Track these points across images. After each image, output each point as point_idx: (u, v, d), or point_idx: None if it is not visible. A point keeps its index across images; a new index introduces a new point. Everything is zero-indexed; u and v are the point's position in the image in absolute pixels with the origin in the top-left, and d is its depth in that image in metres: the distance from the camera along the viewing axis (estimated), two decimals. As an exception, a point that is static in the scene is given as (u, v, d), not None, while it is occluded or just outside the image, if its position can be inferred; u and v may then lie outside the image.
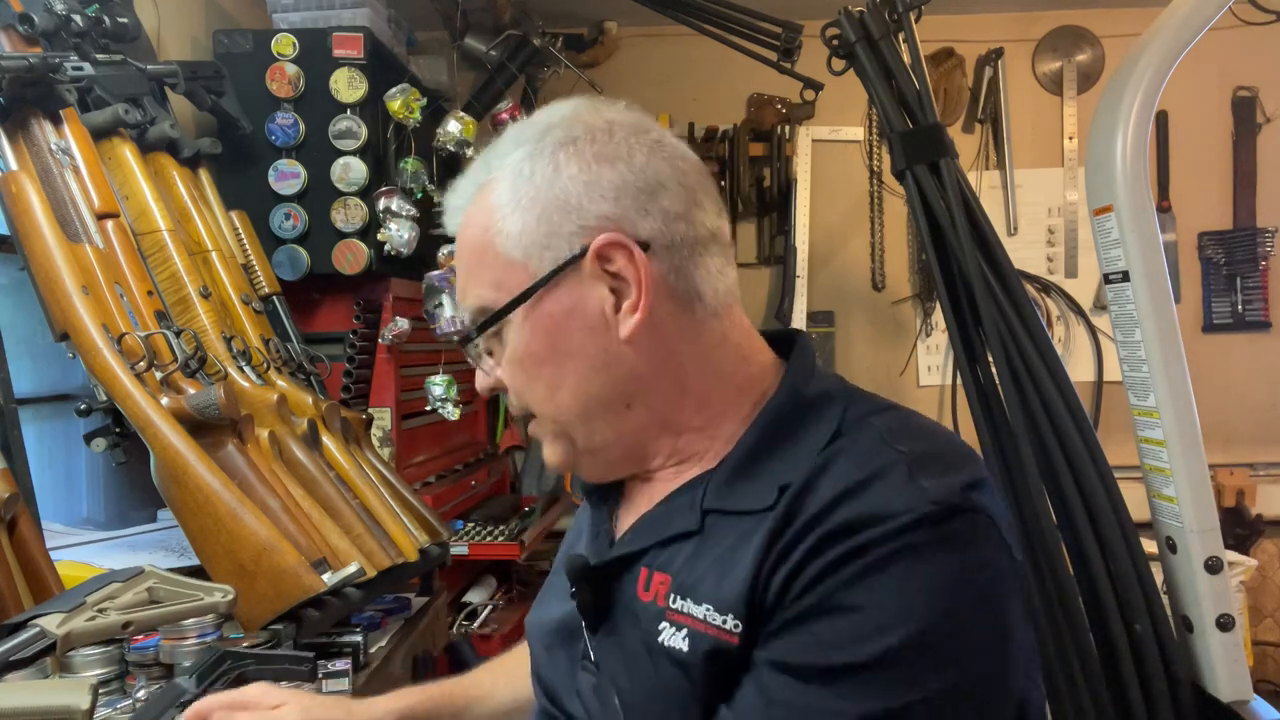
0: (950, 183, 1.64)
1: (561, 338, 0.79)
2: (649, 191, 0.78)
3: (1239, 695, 1.50)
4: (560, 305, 0.78)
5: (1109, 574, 1.53)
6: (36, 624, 1.06)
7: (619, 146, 0.78)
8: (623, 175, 0.78)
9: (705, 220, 0.80)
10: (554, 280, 0.77)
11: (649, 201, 0.78)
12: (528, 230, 0.78)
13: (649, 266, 0.77)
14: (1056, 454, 1.56)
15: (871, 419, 0.77)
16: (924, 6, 1.71)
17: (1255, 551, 3.20)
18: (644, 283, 0.76)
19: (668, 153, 0.80)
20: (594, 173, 0.78)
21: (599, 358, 0.78)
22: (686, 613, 0.75)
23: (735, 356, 0.83)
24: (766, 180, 3.28)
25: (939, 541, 0.68)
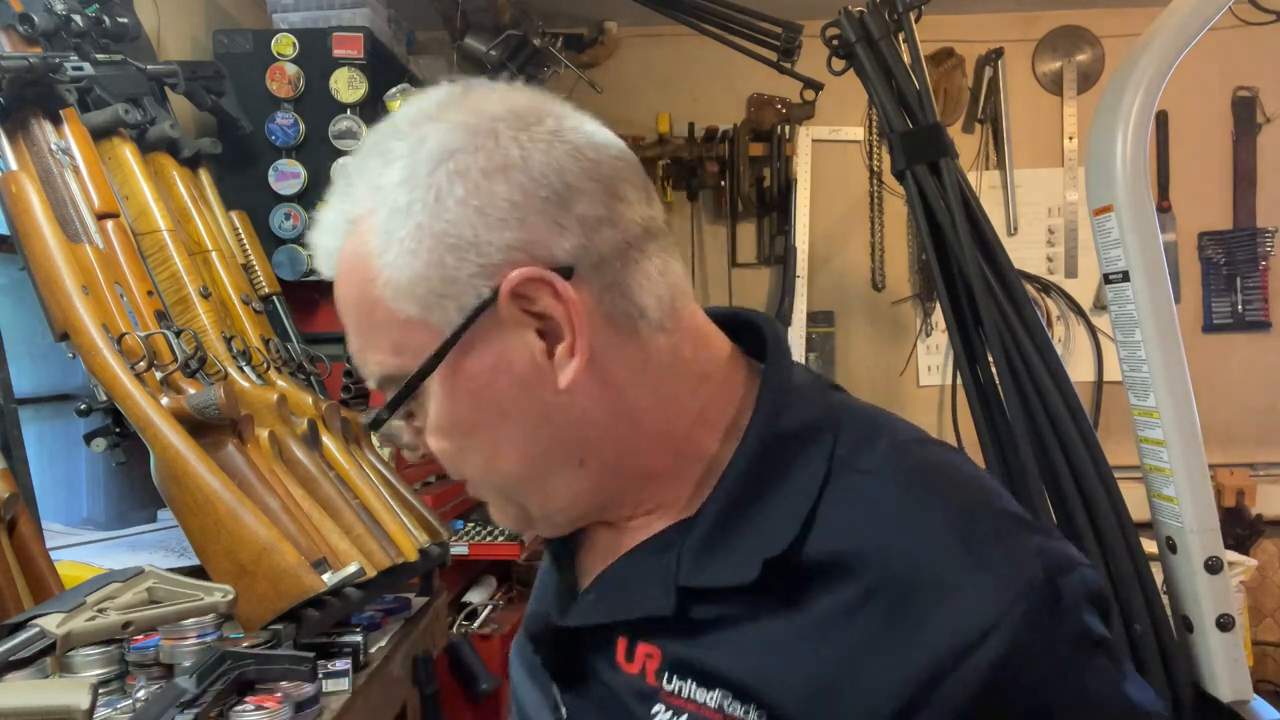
0: (950, 183, 1.64)
1: (490, 399, 0.64)
2: (558, 200, 0.62)
3: (1239, 695, 1.49)
4: (481, 363, 0.63)
5: (1109, 574, 1.53)
6: (36, 624, 1.06)
7: (509, 150, 0.62)
8: (521, 187, 0.61)
9: (634, 215, 0.65)
10: (466, 335, 0.62)
11: (560, 213, 0.62)
12: (419, 279, 0.62)
13: (578, 297, 0.61)
14: (1056, 454, 1.56)
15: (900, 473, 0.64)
16: (924, 6, 1.71)
17: (1255, 551, 3.20)
18: (576, 319, 0.61)
19: (571, 142, 0.63)
20: (485, 192, 0.61)
21: (538, 414, 0.64)
22: (689, 698, 0.64)
23: (693, 376, 0.68)
24: (766, 180, 3.28)
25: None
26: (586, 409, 0.65)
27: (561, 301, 0.61)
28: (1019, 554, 0.60)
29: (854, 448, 0.65)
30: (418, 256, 0.62)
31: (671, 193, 3.26)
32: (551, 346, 0.63)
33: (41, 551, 1.33)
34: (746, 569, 0.62)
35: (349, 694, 1.28)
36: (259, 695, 1.12)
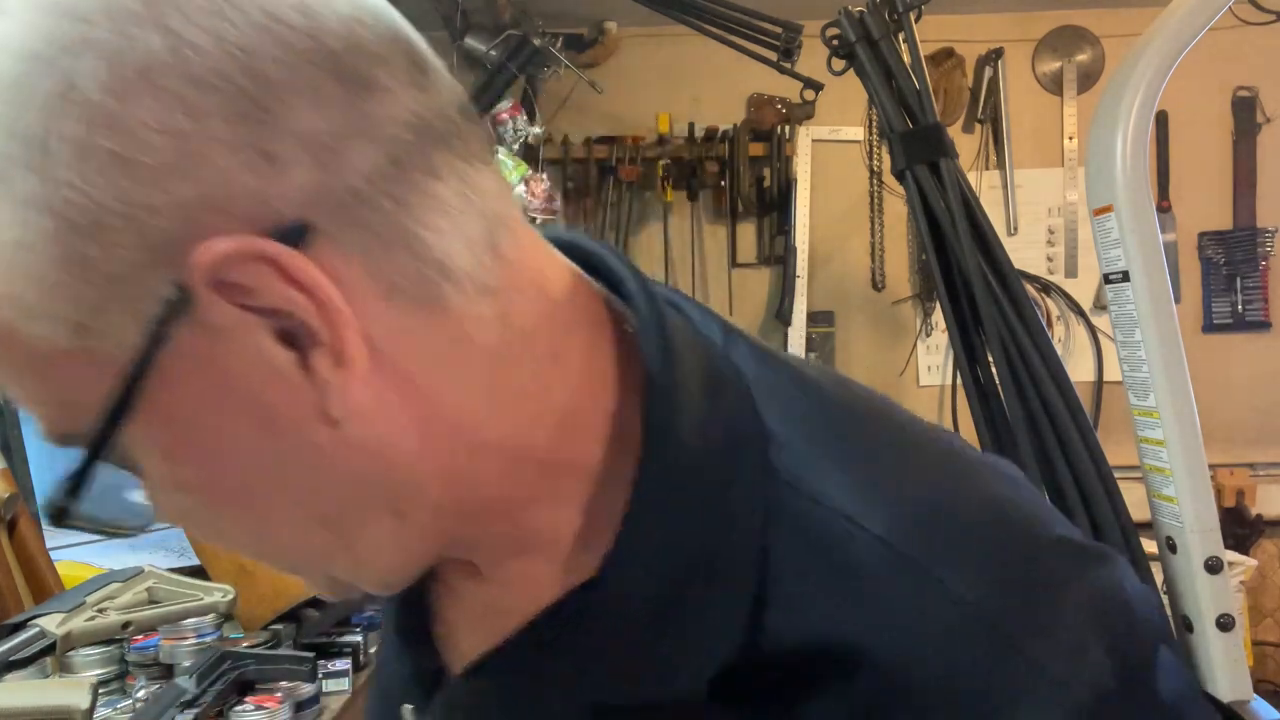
0: (950, 183, 1.64)
1: (227, 449, 0.40)
2: (255, 112, 0.37)
3: (1239, 695, 1.49)
4: (194, 400, 0.39)
5: (1109, 574, 1.53)
6: (36, 624, 1.06)
7: (146, 39, 0.36)
8: (183, 100, 0.36)
9: (397, 111, 0.40)
10: (156, 361, 0.38)
11: (263, 133, 0.37)
12: (53, 287, 0.37)
13: (327, 268, 0.38)
14: (1056, 454, 1.56)
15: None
16: (924, 6, 1.71)
17: (1255, 551, 3.20)
18: (331, 307, 0.38)
19: (259, 8, 0.37)
20: (119, 122, 0.36)
21: (309, 459, 0.41)
22: None
23: (542, 356, 0.44)
24: (766, 180, 3.28)
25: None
26: (384, 437, 0.41)
27: (297, 283, 0.37)
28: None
29: (802, 458, 0.44)
30: (38, 252, 0.37)
31: (671, 193, 3.26)
32: (305, 355, 0.39)
33: (41, 551, 1.33)
34: (684, 679, 0.43)
35: (349, 694, 1.28)
36: (259, 695, 1.12)
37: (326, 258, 0.38)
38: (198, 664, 1.11)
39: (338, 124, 0.38)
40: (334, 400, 0.39)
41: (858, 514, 0.42)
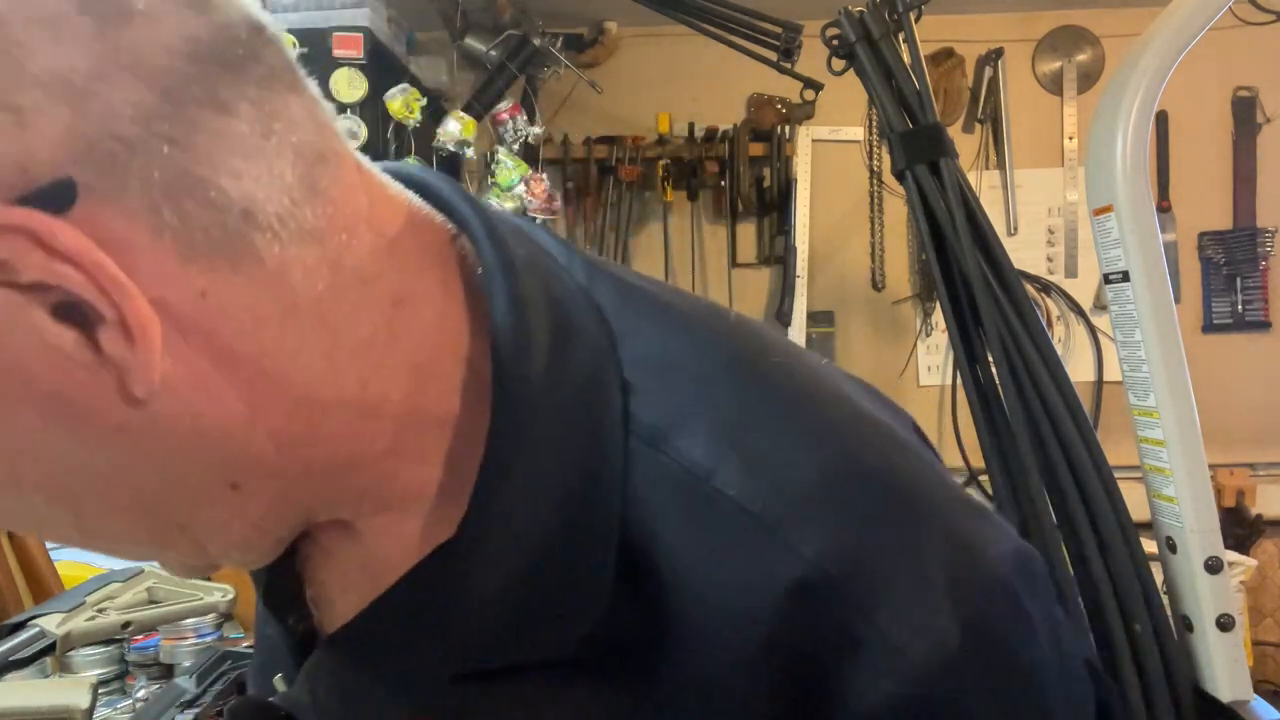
0: (950, 183, 1.64)
1: (23, 443, 0.36)
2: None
3: (1239, 695, 1.49)
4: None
5: (1109, 574, 1.53)
6: (36, 624, 1.06)
7: None
8: None
9: (162, 36, 0.34)
10: None
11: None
12: None
13: (99, 234, 0.33)
14: (1056, 454, 1.56)
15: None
16: (924, 6, 1.71)
17: (1255, 551, 3.20)
18: (107, 274, 0.33)
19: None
20: None
21: (122, 450, 0.37)
22: None
23: (381, 301, 0.40)
24: (766, 180, 3.28)
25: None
26: (202, 410, 0.37)
27: (60, 254, 0.33)
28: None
29: (663, 411, 0.41)
30: None
31: (671, 193, 3.26)
32: (92, 333, 0.34)
33: (41, 551, 1.33)
34: (549, 640, 0.41)
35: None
36: (259, 695, 1.12)
37: (100, 220, 0.33)
38: (198, 664, 1.11)
39: (89, 61, 0.32)
40: (135, 378, 0.35)
41: (715, 472, 0.40)
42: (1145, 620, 1.51)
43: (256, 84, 0.36)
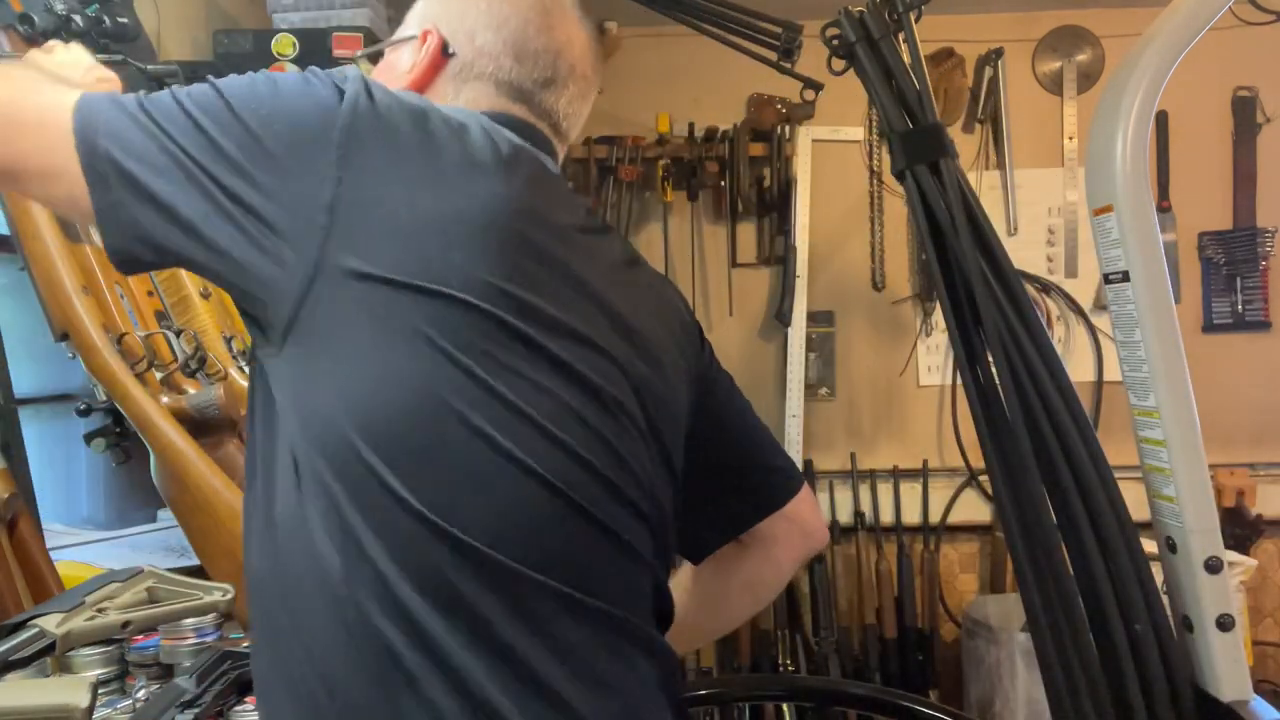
0: (950, 183, 1.64)
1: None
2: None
3: (1239, 695, 1.49)
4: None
5: (1109, 574, 1.53)
6: (36, 624, 1.06)
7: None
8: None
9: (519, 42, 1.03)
10: None
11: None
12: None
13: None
14: (1056, 454, 1.56)
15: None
16: (924, 6, 1.70)
17: (1255, 551, 3.20)
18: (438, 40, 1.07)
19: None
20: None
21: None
22: None
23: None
24: (766, 180, 3.28)
25: None
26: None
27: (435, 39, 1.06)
28: None
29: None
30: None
31: (672, 193, 3.26)
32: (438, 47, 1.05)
33: (41, 551, 1.33)
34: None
35: (349, 694, 1.27)
36: (259, 695, 1.12)
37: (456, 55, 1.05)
38: (198, 664, 1.11)
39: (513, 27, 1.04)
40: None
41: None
42: (1145, 620, 1.51)
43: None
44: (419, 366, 0.77)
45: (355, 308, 0.77)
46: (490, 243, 0.81)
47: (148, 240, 0.77)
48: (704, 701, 1.73)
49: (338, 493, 0.77)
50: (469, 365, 0.78)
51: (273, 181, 0.77)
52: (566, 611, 0.81)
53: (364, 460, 0.76)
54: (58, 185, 0.78)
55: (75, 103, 0.78)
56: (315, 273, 0.76)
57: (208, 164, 0.77)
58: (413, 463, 0.77)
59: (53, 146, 0.77)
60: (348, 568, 0.77)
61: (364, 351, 0.77)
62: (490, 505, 0.79)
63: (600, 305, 0.90)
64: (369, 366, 0.77)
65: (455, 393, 0.78)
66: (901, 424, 3.38)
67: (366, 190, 0.78)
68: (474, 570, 0.78)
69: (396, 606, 0.76)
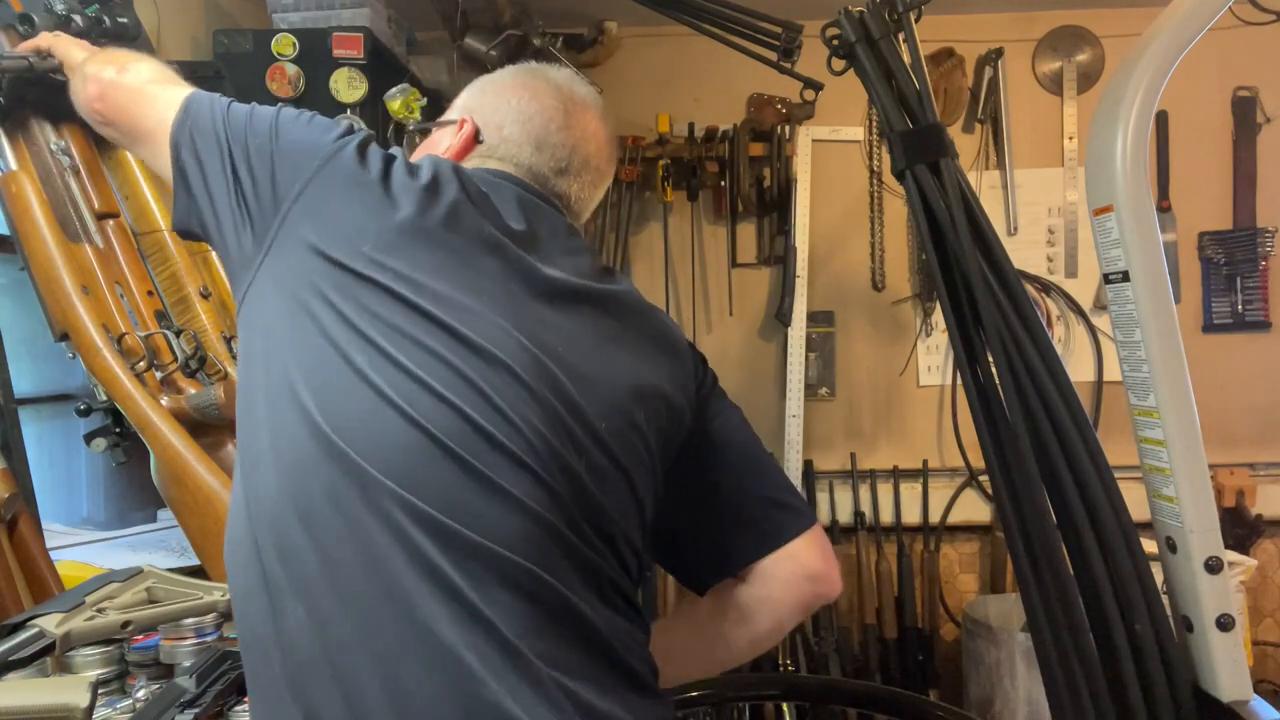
0: (950, 183, 1.64)
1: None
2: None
3: (1239, 695, 1.49)
4: None
5: (1109, 574, 1.53)
6: (35, 624, 1.06)
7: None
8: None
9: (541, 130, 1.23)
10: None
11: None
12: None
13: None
14: (1056, 454, 1.56)
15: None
16: (924, 6, 1.70)
17: (1255, 551, 3.20)
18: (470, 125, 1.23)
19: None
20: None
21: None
22: None
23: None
24: (766, 180, 3.28)
25: None
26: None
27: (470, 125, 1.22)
28: None
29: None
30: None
31: (671, 193, 3.26)
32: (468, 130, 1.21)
33: (41, 551, 1.33)
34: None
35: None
36: (259, 695, 1.12)
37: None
38: (198, 664, 1.11)
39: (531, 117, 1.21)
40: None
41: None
42: (1145, 620, 1.51)
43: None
44: (322, 321, 0.96)
45: (286, 274, 1.00)
46: (399, 238, 1.00)
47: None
48: (704, 702, 1.73)
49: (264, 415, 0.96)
50: (354, 320, 0.95)
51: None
52: (436, 534, 0.90)
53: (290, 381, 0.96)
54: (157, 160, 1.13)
55: (184, 99, 1.13)
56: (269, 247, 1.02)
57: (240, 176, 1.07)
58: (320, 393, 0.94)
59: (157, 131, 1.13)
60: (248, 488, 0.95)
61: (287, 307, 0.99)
62: (370, 434, 0.92)
63: (515, 297, 1.03)
64: (291, 318, 0.98)
65: (348, 342, 0.95)
66: (901, 424, 3.38)
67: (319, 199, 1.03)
68: (360, 489, 0.90)
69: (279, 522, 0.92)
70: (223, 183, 1.04)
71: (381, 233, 0.99)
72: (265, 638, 0.91)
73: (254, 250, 1.01)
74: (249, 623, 0.93)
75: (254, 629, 0.93)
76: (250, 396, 0.98)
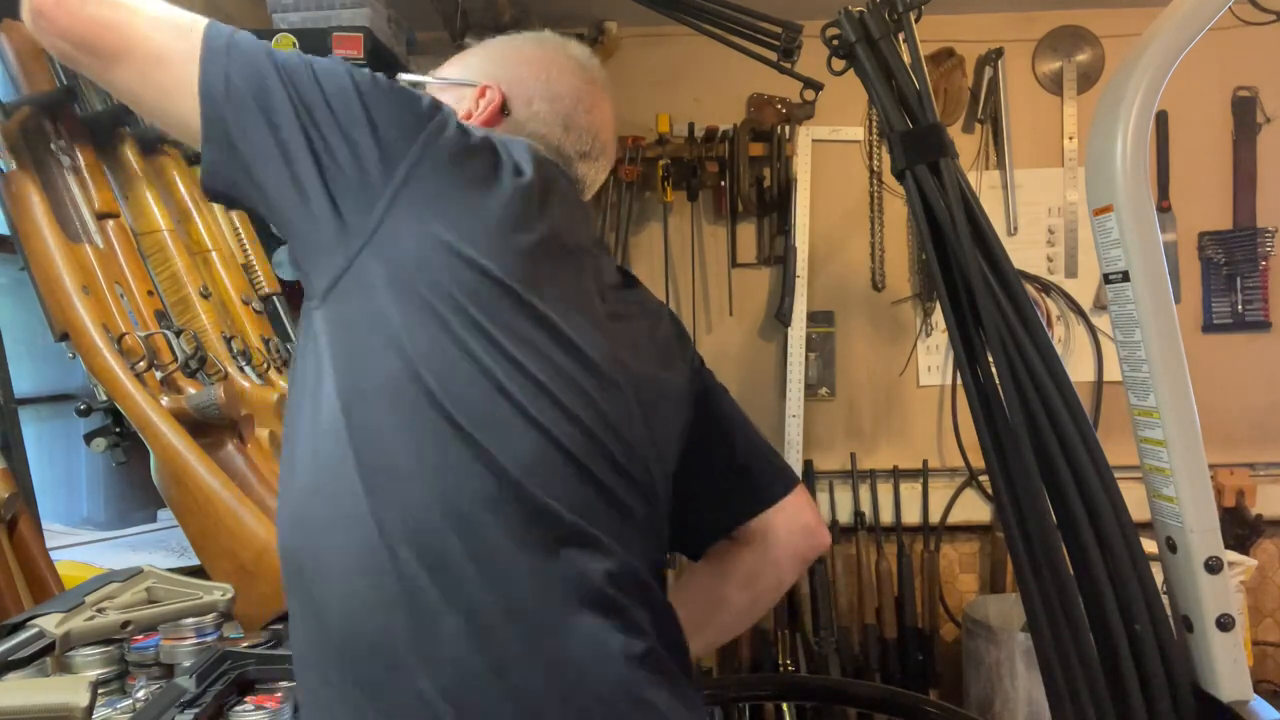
0: (950, 183, 1.64)
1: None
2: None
3: (1239, 695, 1.49)
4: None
5: (1109, 574, 1.53)
6: (35, 624, 1.06)
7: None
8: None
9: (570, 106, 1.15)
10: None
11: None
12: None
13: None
14: (1056, 454, 1.56)
15: None
16: (924, 6, 1.70)
17: (1255, 551, 3.20)
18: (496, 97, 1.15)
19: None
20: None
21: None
22: None
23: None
24: (766, 180, 3.28)
25: None
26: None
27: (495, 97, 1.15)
28: None
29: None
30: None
31: (671, 193, 3.26)
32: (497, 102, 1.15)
33: (41, 551, 1.33)
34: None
35: (349, 694, 1.27)
36: (259, 695, 1.12)
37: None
38: (198, 664, 1.11)
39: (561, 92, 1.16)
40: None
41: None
42: (1145, 620, 1.51)
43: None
44: (454, 327, 0.90)
45: (409, 269, 0.90)
46: (519, 237, 0.95)
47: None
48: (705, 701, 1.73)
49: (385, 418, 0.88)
50: (490, 330, 0.89)
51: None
52: (584, 547, 0.90)
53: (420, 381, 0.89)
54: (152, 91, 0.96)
55: (207, 28, 0.94)
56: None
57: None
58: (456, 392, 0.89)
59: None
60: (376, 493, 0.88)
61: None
62: (511, 443, 0.90)
63: (600, 310, 1.01)
64: (419, 320, 0.90)
65: (485, 352, 0.89)
66: (901, 424, 3.38)
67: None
68: (516, 501, 0.88)
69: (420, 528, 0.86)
70: (294, 144, 0.89)
71: (502, 231, 0.93)
72: (403, 653, 0.85)
73: (344, 232, 0.89)
74: (376, 638, 0.86)
75: (383, 644, 0.86)
76: (363, 401, 0.89)
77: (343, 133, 0.89)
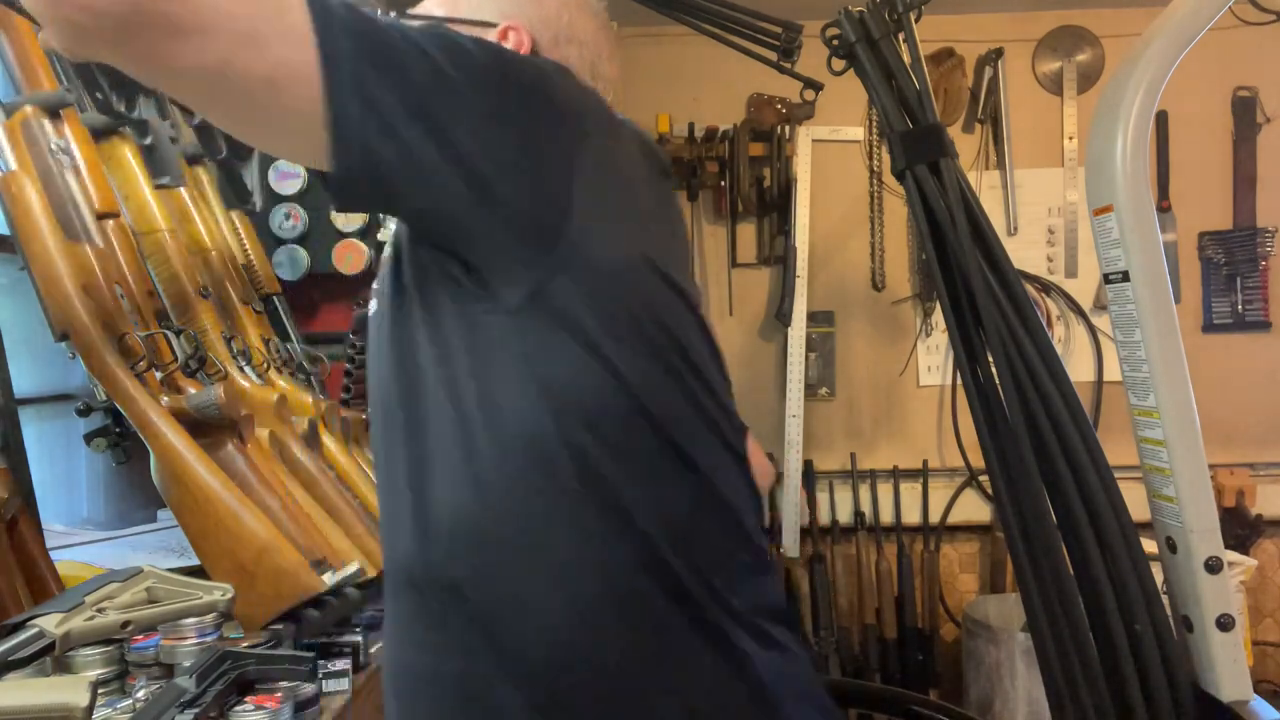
0: (950, 183, 1.64)
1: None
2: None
3: (1239, 695, 1.49)
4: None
5: (1109, 574, 1.53)
6: (35, 624, 1.06)
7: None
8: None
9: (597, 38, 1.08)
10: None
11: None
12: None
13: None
14: (1056, 454, 1.56)
15: None
16: (924, 6, 1.71)
17: (1255, 551, 3.20)
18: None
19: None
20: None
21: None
22: None
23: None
24: (766, 180, 3.28)
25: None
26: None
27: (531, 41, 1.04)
28: None
29: None
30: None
31: (671, 193, 3.25)
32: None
33: (41, 551, 1.33)
34: None
35: (349, 694, 1.28)
36: (259, 695, 1.12)
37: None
38: (198, 664, 1.11)
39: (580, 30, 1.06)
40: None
41: None
42: (1145, 620, 1.51)
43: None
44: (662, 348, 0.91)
45: (608, 285, 0.88)
46: (670, 239, 0.97)
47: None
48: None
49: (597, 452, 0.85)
50: (688, 348, 0.91)
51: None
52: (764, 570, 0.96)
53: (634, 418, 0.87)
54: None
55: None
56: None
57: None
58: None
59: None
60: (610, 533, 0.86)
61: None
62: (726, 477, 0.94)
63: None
64: (627, 338, 0.88)
65: (687, 372, 0.91)
66: (901, 424, 3.38)
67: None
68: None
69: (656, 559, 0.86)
70: (465, 135, 0.77)
71: (663, 233, 0.94)
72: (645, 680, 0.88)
73: (523, 239, 0.81)
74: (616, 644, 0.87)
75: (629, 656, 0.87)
76: (586, 427, 0.84)
77: (514, 128, 0.83)
